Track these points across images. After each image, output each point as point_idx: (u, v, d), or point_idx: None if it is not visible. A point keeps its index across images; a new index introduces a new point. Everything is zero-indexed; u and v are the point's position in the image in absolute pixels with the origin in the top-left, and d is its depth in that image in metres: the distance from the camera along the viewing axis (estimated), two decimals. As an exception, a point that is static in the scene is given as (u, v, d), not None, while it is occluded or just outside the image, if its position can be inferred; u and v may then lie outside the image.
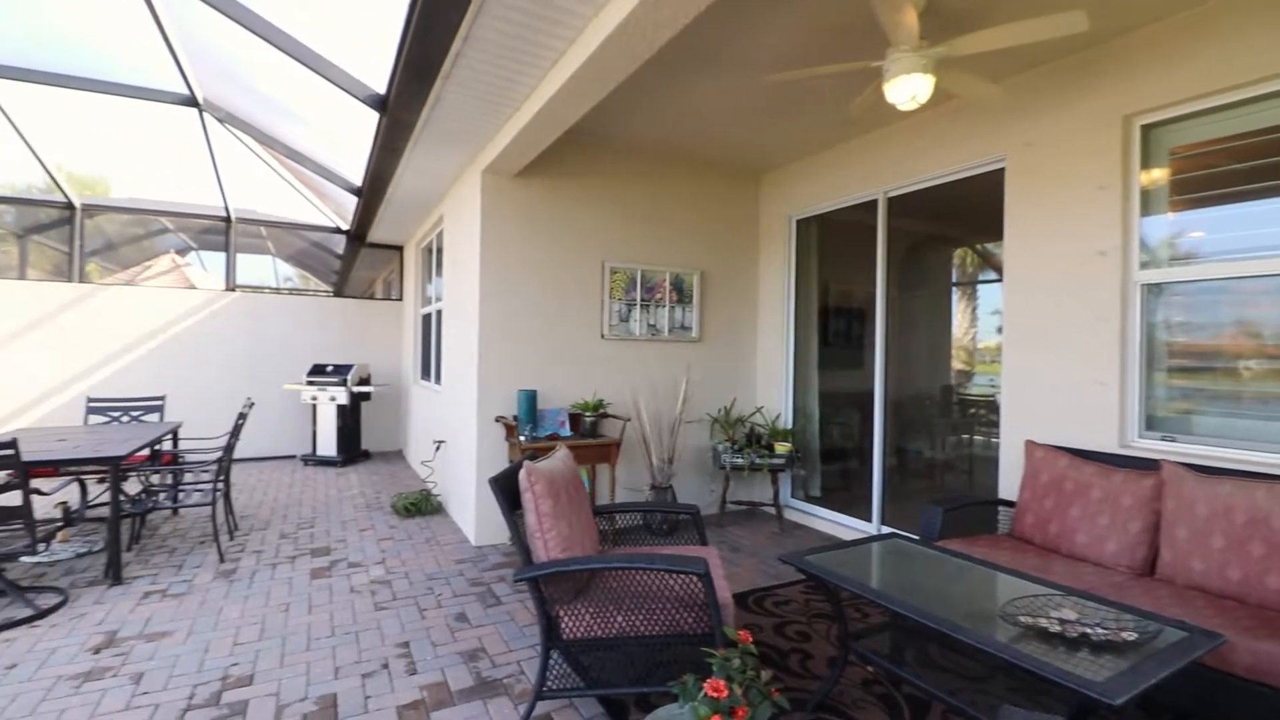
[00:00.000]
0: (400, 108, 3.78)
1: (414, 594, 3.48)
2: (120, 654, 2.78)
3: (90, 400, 5.20)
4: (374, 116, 4.27)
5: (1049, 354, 3.46)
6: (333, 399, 6.98)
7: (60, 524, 3.64)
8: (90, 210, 7.08)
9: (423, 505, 5.11)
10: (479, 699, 2.45)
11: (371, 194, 5.71)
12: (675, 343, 5.20)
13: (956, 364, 6.83)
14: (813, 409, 5.32)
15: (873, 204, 4.63)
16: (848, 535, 4.67)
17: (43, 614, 3.15)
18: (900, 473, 5.16)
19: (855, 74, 3.09)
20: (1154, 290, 3.13)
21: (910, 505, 4.70)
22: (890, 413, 4.60)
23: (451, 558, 4.09)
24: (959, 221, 6.15)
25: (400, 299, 8.45)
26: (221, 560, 3.96)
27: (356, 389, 7.14)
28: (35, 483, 3.33)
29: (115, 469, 3.51)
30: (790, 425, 5.28)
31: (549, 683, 2.27)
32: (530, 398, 4.27)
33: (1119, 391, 3.16)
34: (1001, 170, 3.75)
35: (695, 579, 2.18)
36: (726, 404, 5.28)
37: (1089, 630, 1.82)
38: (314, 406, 7.15)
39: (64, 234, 7.18)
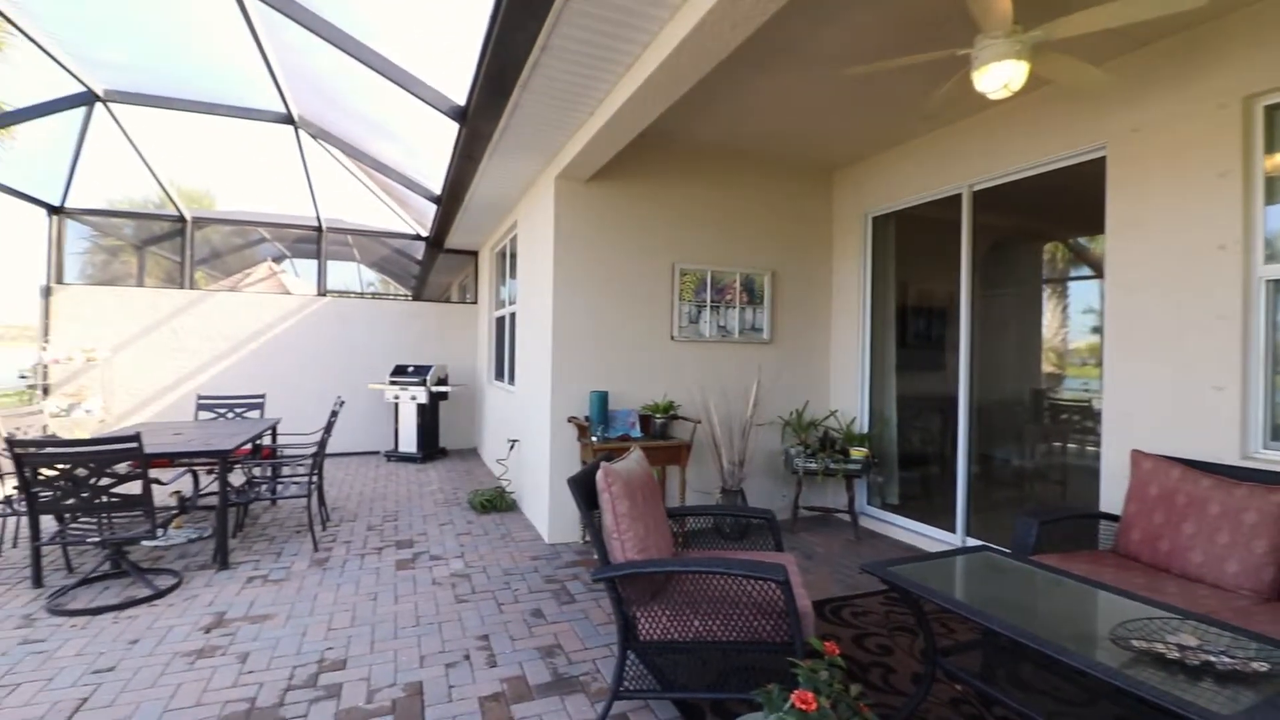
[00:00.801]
0: (479, 118, 3.91)
1: (492, 588, 3.59)
2: (228, 634, 3.00)
3: (200, 397, 5.66)
4: (453, 127, 4.45)
5: (1157, 356, 3.20)
6: (413, 398, 7.31)
7: (176, 511, 3.97)
8: (199, 222, 7.70)
9: (498, 502, 5.27)
10: (556, 695, 2.50)
11: (450, 202, 5.94)
12: (746, 344, 5.14)
13: (1046, 366, 6.42)
14: (890, 413, 5.12)
15: (955, 198, 4.42)
16: (928, 546, 4.47)
17: (161, 594, 3.45)
18: (985, 481, 4.91)
19: (938, 64, 2.96)
20: (1281, 287, 2.84)
21: (997, 516, 4.45)
22: (975, 418, 4.37)
23: (526, 554, 4.19)
24: (1050, 215, 5.78)
25: (475, 302, 8.74)
26: (316, 549, 4.22)
27: (435, 389, 7.44)
28: (153, 473, 3.65)
29: (223, 462, 3.81)
30: (866, 429, 5.11)
31: (625, 683, 2.28)
32: (602, 399, 4.32)
33: (1240, 397, 2.88)
34: (1101, 159, 3.49)
35: (774, 586, 2.14)
36: (799, 407, 5.16)
37: (1212, 658, 1.67)
38: (396, 405, 7.50)
39: (175, 245, 7.85)
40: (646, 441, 4.29)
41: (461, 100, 4.03)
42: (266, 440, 5.26)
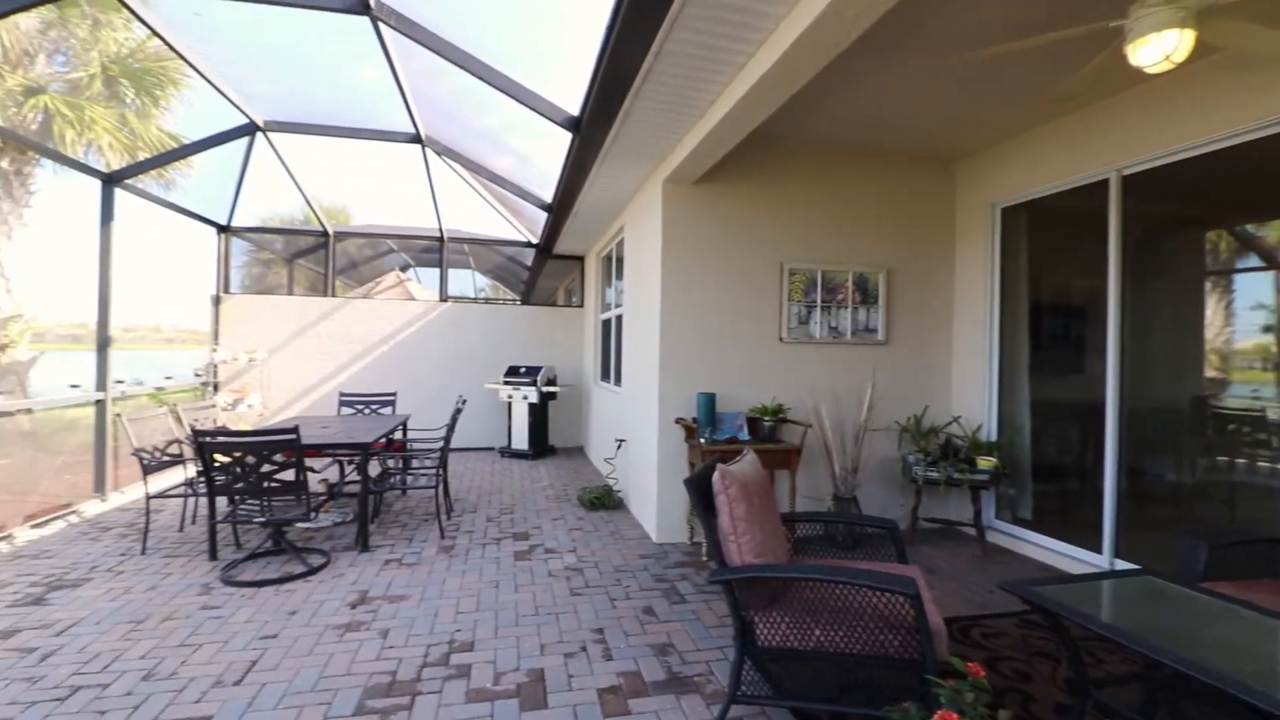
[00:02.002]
0: (592, 127, 4.03)
1: (604, 584, 3.68)
2: (370, 611, 3.28)
3: (342, 394, 6.24)
4: (566, 138, 4.62)
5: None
6: (525, 398, 7.65)
7: (325, 497, 4.40)
8: (339, 236, 8.49)
9: (606, 500, 5.40)
10: (671, 693, 2.52)
11: (561, 209, 6.16)
12: (859, 346, 4.94)
13: (1208, 371, 5.66)
14: (1022, 420, 4.73)
15: (1101, 185, 4.02)
16: (1068, 566, 4.09)
17: (313, 571, 3.83)
18: (1136, 498, 4.41)
19: (1080, 40, 2.70)
20: None
21: (1152, 537, 3.99)
22: (1124, 427, 3.95)
23: (635, 552, 4.26)
24: (1213, 199, 5.09)
25: (581, 305, 9.00)
26: (442, 537, 4.52)
27: (545, 389, 7.74)
28: (306, 462, 4.05)
29: (364, 453, 4.17)
30: (994, 437, 4.75)
31: (742, 687, 2.26)
32: (709, 400, 4.31)
33: None
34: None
35: (902, 600, 2.05)
36: (917, 412, 4.89)
37: None
38: (509, 404, 7.89)
39: (318, 257, 8.71)
40: (754, 445, 4.23)
41: (575, 110, 4.18)
42: (398, 435, 5.70)
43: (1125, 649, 1.87)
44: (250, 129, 6.00)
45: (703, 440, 4.18)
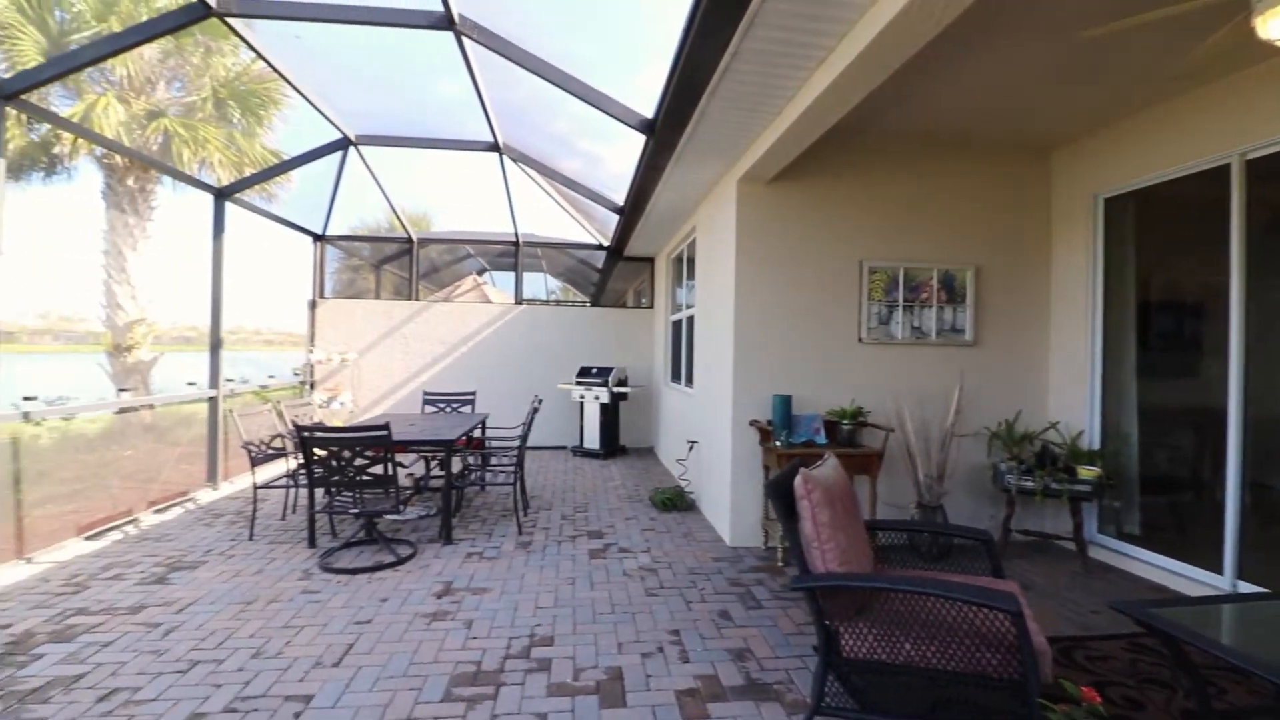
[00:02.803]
0: (666, 128, 4.04)
1: (678, 585, 3.67)
2: (455, 601, 3.41)
3: (425, 393, 6.53)
4: (636, 141, 4.65)
5: None
6: (596, 398, 7.76)
7: (412, 491, 4.61)
8: (423, 242, 8.89)
9: (677, 501, 5.39)
10: (750, 700, 2.49)
11: (632, 212, 6.21)
12: (945, 347, 4.71)
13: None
14: (1129, 427, 4.37)
15: (1221, 170, 3.66)
16: (1183, 587, 3.75)
17: (401, 561, 4.02)
18: (1261, 514, 3.99)
19: (1195, 14, 2.47)
20: None
21: (1283, 558, 3.60)
22: (1249, 437, 3.58)
23: (709, 555, 4.23)
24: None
25: (651, 307, 9.04)
26: (520, 533, 4.65)
27: (616, 389, 7.82)
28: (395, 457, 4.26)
29: (448, 450, 4.35)
30: (1097, 445, 4.42)
31: (826, 699, 2.20)
32: (785, 403, 4.23)
33: None
34: None
35: (1002, 616, 1.94)
36: (1009, 417, 4.62)
37: None
38: (581, 404, 8.02)
39: (402, 262, 9.14)
40: (833, 449, 4.11)
41: (649, 113, 4.20)
42: (476, 433, 5.91)
43: (1255, 679, 1.69)
44: (344, 143, 6.37)
45: (778, 443, 4.11)
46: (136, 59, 8.22)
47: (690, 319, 6.42)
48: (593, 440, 7.91)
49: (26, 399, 4.14)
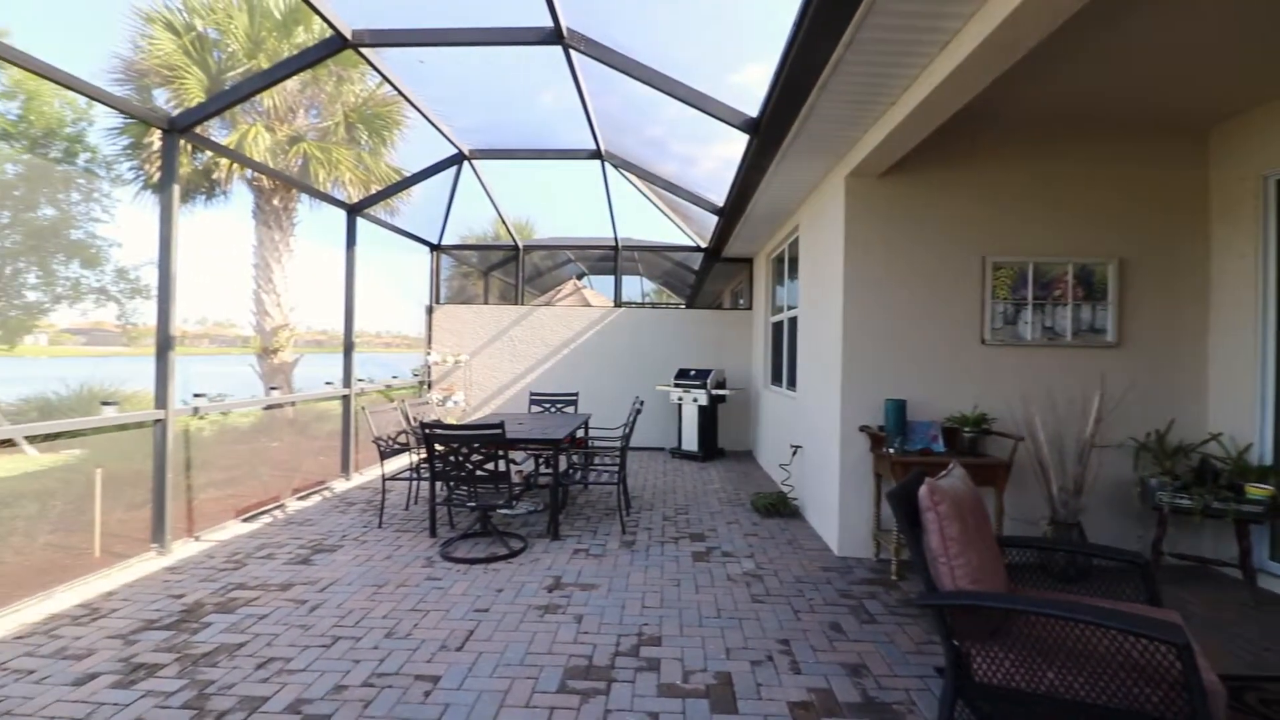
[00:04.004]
0: (772, 127, 3.96)
1: (785, 593, 3.59)
2: (564, 596, 3.52)
3: (532, 394, 6.79)
4: (735, 140, 4.60)
5: None
6: (695, 400, 7.74)
7: (523, 488, 4.80)
8: (527, 249, 9.27)
9: (780, 507, 5.27)
10: (868, 719, 2.38)
11: (733, 212, 6.15)
12: (1081, 348, 4.30)
13: None
14: (1315, 441, 3.79)
15: None
16: (1395, 630, 3.19)
17: (514, 554, 4.20)
18: None
19: None
20: None
21: None
22: None
23: (816, 564, 4.10)
24: None
25: (749, 308, 8.91)
26: (623, 532, 4.73)
27: (715, 391, 7.77)
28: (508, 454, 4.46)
29: (556, 448, 4.49)
30: (1269, 460, 3.87)
31: (955, 724, 2.06)
32: (899, 408, 4.02)
33: None
34: None
35: (1166, 649, 1.73)
36: (1160, 426, 4.14)
37: None
38: (679, 406, 8.03)
39: (508, 269, 9.57)
40: (952, 457, 3.85)
41: (753, 112, 4.14)
42: (579, 433, 6.07)
43: None
44: (459, 158, 6.76)
45: (891, 450, 3.91)
46: (280, 91, 9.15)
47: (792, 320, 6.26)
48: (691, 442, 7.90)
49: (196, 396, 4.71)
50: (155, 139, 8.68)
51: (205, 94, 8.52)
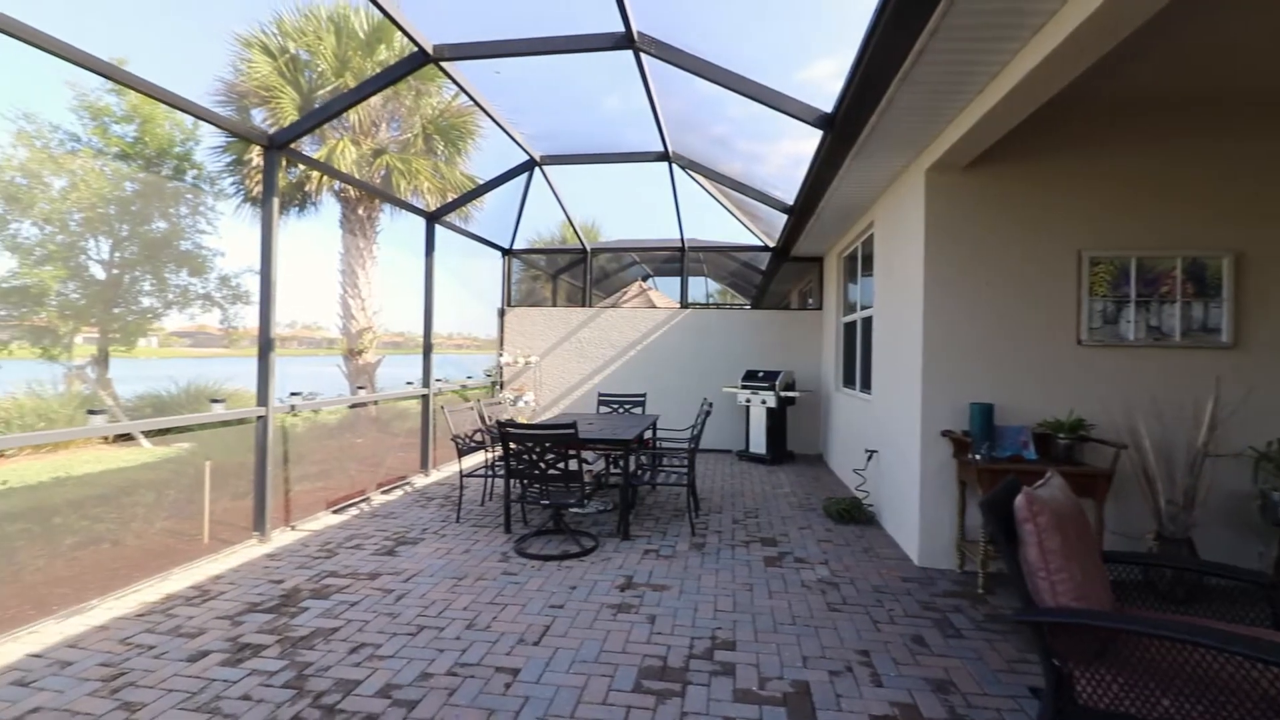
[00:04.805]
0: (848, 121, 3.86)
1: (863, 603, 3.48)
2: (636, 595, 3.54)
3: (600, 394, 6.88)
4: (807, 137, 4.51)
5: None
6: (763, 402, 7.62)
7: (594, 487, 4.87)
8: (595, 252, 9.40)
9: (855, 513, 5.11)
10: (958, 736, 2.28)
11: (803, 210, 6.03)
12: (1193, 350, 3.96)
13: None
14: None
15: None
16: None
17: (586, 552, 4.27)
18: None
19: None
20: None
21: None
22: None
23: (895, 573, 3.96)
24: None
25: (818, 308, 8.70)
26: (693, 533, 4.71)
27: (783, 394, 7.63)
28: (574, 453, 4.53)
29: (627, 449, 4.53)
30: None
31: (1056, 749, 1.94)
32: (985, 412, 3.82)
33: None
34: None
35: (1310, 682, 1.57)
36: (1287, 436, 3.76)
37: None
38: (747, 408, 7.93)
39: (575, 271, 9.73)
40: (1045, 466, 3.63)
41: (827, 107, 4.05)
42: (647, 434, 6.10)
43: None
44: (530, 164, 6.94)
45: (978, 457, 3.72)
46: (365, 106, 9.66)
47: (866, 320, 6.07)
48: (759, 445, 7.79)
49: (292, 394, 5.03)
50: (255, 156, 9.34)
51: (298, 112, 9.09)
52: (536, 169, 7.09)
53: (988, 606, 3.46)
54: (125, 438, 8.72)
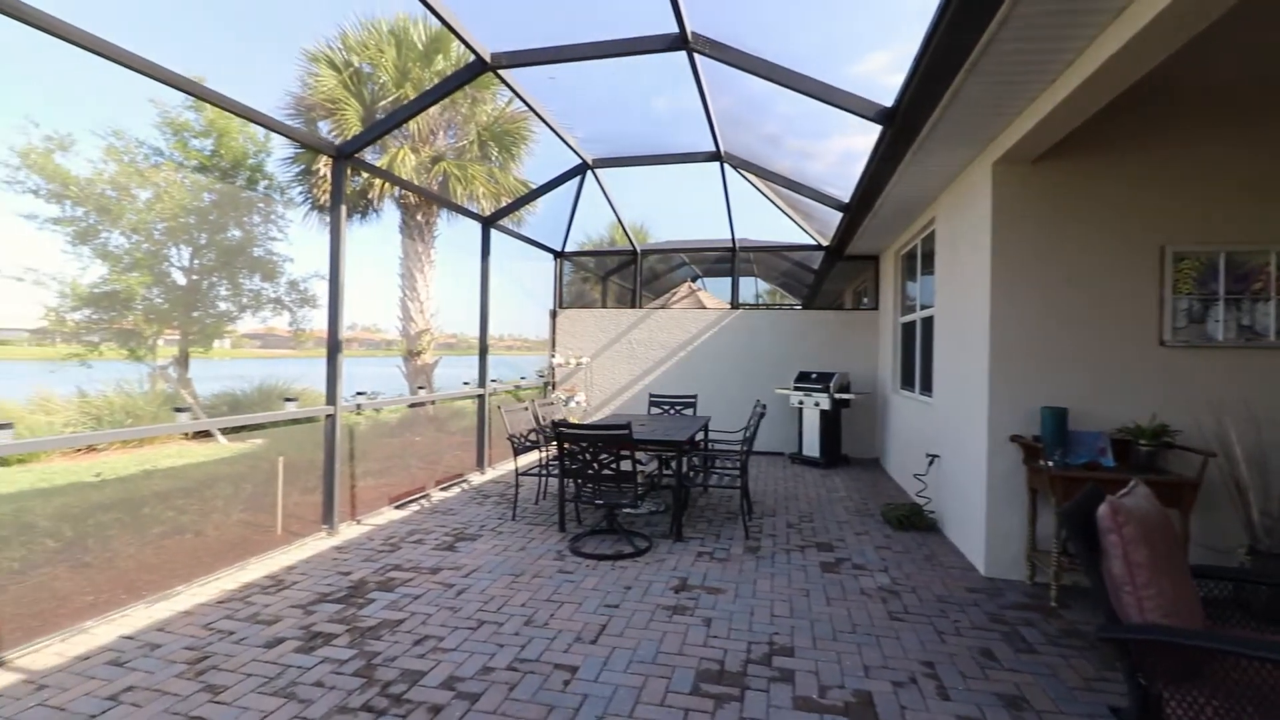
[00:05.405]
0: (909, 115, 3.75)
1: (926, 613, 3.37)
2: (691, 598, 3.53)
3: (651, 395, 6.90)
4: (867, 132, 4.39)
5: None
6: (816, 404, 7.48)
7: (647, 488, 4.88)
8: (645, 253, 9.43)
9: (915, 520, 4.96)
10: (1032, 756, 2.18)
11: (860, 208, 5.89)
12: (1293, 351, 3.68)
13: None
14: None
15: None
16: None
17: (639, 553, 4.28)
18: None
19: None
20: None
21: None
22: None
23: (959, 583, 3.82)
24: None
25: (873, 308, 8.47)
26: (746, 537, 4.67)
27: (838, 395, 7.47)
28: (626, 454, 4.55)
29: (679, 450, 4.53)
30: None
31: (1144, 774, 1.84)
32: (1058, 417, 3.64)
33: None
34: None
35: None
36: (1404, 445, 3.45)
37: None
38: (800, 410, 7.80)
39: (625, 273, 9.77)
40: (1124, 473, 3.43)
41: (883, 101, 3.95)
42: (698, 436, 6.07)
43: None
44: (583, 168, 7.02)
45: (1050, 464, 3.55)
46: (422, 114, 9.97)
47: (926, 320, 5.88)
48: (812, 448, 7.64)
49: (358, 394, 5.23)
50: (322, 166, 9.77)
51: (361, 123, 9.47)
52: (589, 172, 7.16)
53: (1062, 621, 3.30)
54: (203, 434, 9.27)
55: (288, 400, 4.63)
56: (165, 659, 2.80)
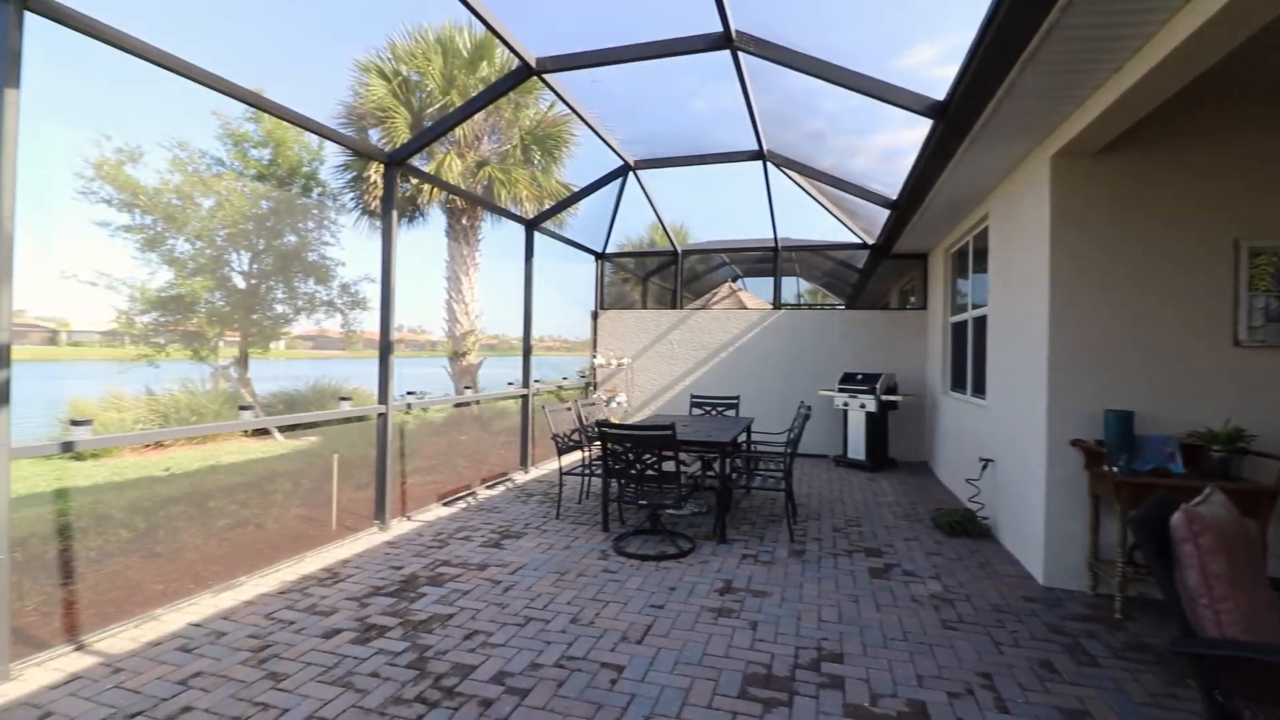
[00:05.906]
0: (963, 108, 3.64)
1: (981, 622, 3.26)
2: (736, 600, 3.51)
3: (693, 396, 6.87)
4: (914, 128, 4.29)
5: None
6: (862, 406, 7.33)
7: (690, 489, 4.87)
8: (685, 254, 9.41)
9: (968, 526, 4.81)
10: (1099, 774, 2.09)
11: (909, 205, 5.75)
12: (1386, 351, 3.43)
13: None
14: None
15: None
16: None
17: (683, 554, 4.28)
18: None
19: None
20: None
21: None
22: None
23: (1016, 592, 3.69)
24: None
25: (921, 307, 8.25)
26: (791, 540, 4.61)
27: (884, 398, 7.30)
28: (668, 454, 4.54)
29: (723, 451, 4.50)
30: None
31: (1223, 798, 1.74)
32: (1124, 420, 3.48)
33: None
34: None
35: None
36: None
37: None
38: (845, 412, 7.65)
39: (666, 274, 9.77)
40: (1196, 480, 3.25)
41: (931, 94, 3.85)
42: (741, 437, 6.02)
43: None
44: (624, 170, 7.05)
45: (1115, 469, 3.39)
46: (469, 120, 10.18)
47: (979, 320, 5.70)
48: (858, 450, 7.49)
49: (408, 393, 5.37)
50: (372, 172, 10.07)
51: (409, 130, 9.73)
52: (631, 173, 7.19)
53: (1127, 634, 3.15)
54: (262, 432, 9.66)
55: (343, 399, 4.78)
56: (230, 646, 2.94)
